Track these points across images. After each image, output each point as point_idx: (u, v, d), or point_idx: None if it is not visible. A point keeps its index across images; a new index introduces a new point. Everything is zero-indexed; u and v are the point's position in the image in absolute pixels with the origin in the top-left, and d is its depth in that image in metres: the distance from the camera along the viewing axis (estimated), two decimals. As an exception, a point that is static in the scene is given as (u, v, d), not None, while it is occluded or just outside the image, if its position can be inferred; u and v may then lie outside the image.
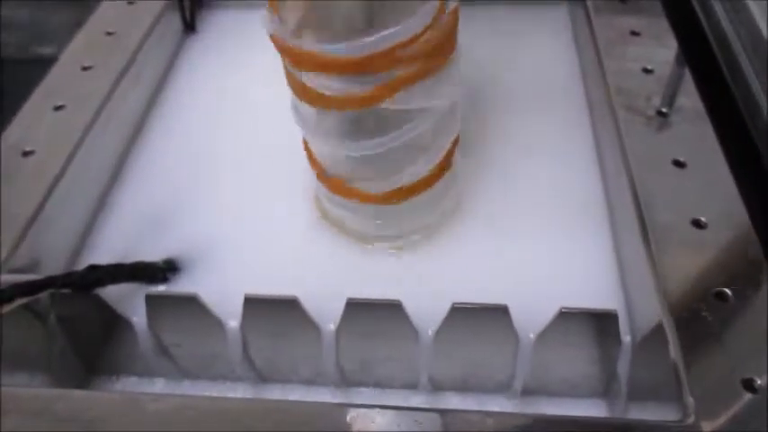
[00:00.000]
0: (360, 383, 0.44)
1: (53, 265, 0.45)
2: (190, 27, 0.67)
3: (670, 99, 0.49)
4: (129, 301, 0.43)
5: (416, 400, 0.43)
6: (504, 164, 0.53)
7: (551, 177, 0.52)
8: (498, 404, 0.42)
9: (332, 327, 0.41)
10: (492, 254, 0.47)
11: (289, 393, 0.44)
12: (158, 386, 0.45)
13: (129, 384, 0.45)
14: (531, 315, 0.39)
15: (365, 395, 0.44)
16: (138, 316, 0.43)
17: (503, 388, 0.43)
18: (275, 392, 0.44)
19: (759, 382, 0.33)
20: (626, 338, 0.40)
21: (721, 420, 0.32)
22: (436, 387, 0.43)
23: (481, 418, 0.32)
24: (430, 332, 0.41)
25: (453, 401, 0.43)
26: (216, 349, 0.43)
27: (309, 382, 0.44)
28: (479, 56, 0.61)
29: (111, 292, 0.42)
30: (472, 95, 0.51)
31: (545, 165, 0.53)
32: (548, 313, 0.39)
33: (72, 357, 0.44)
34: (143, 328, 0.42)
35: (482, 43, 0.62)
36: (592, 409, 0.42)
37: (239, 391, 0.45)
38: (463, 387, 0.43)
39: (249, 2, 0.70)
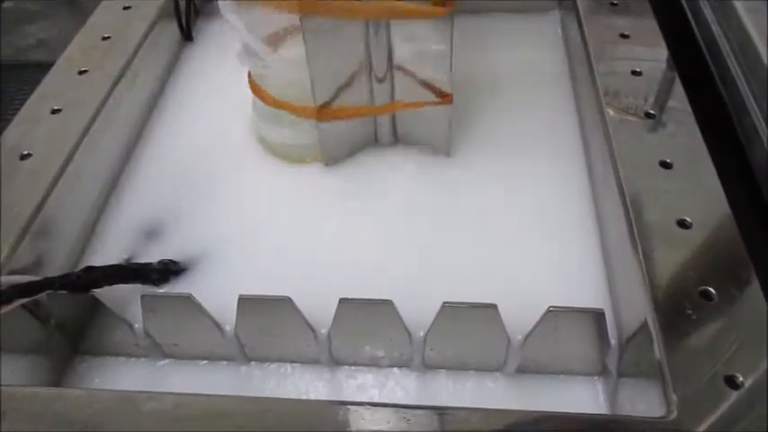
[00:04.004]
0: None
1: (54, 267, 0.46)
2: (186, 36, 0.68)
3: (658, 101, 0.50)
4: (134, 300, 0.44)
5: (411, 376, 0.44)
6: (492, 164, 0.54)
7: (540, 178, 0.52)
8: (493, 381, 0.43)
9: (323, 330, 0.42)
10: (480, 254, 0.48)
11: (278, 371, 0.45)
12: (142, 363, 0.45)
13: (117, 364, 0.45)
14: (520, 314, 0.40)
15: (357, 374, 0.44)
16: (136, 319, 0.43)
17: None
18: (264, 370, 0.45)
19: (741, 378, 0.33)
20: (612, 337, 0.41)
21: (704, 416, 0.32)
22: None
23: (467, 414, 0.33)
24: (421, 333, 0.42)
25: (445, 380, 0.44)
26: (211, 347, 0.44)
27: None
28: (472, 58, 0.62)
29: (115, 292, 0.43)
30: (461, 95, 0.51)
31: (533, 165, 0.53)
32: (536, 312, 0.39)
33: (68, 351, 0.45)
34: (140, 327, 0.43)
35: (474, 46, 0.63)
36: (586, 387, 0.43)
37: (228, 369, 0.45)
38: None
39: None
